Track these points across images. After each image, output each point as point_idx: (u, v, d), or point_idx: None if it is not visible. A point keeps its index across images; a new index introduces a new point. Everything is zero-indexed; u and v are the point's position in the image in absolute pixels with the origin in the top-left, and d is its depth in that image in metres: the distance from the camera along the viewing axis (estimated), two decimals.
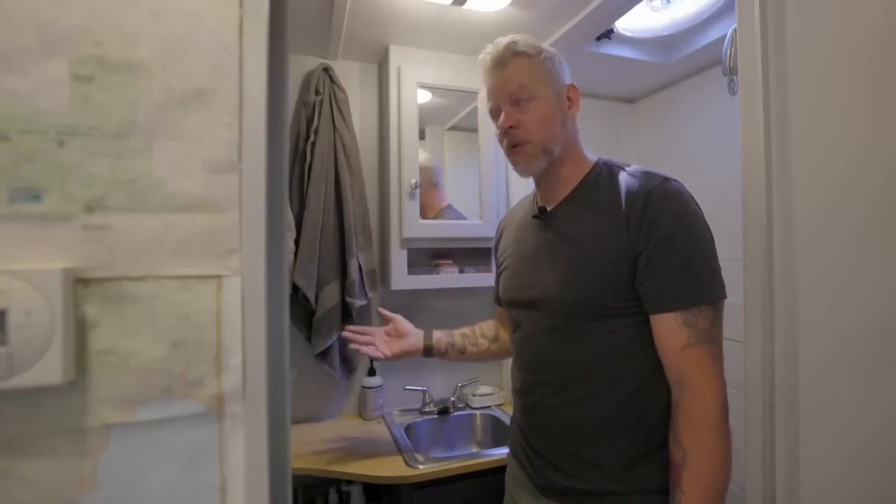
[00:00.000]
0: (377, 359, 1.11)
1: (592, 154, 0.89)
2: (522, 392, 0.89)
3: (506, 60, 0.84)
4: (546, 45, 0.89)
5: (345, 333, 1.14)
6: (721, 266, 0.74)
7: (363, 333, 1.13)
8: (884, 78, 0.51)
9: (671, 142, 1.75)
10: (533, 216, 0.91)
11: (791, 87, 0.58)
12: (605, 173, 0.84)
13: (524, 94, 0.83)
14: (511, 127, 0.84)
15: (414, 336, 1.13)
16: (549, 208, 0.88)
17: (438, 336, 1.13)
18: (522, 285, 0.89)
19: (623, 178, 0.81)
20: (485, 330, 1.16)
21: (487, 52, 0.87)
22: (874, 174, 0.52)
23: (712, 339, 0.72)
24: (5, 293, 0.31)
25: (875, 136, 0.52)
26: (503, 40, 0.86)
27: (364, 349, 1.10)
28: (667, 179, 0.78)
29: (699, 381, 0.71)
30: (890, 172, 0.50)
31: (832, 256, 0.56)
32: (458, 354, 1.14)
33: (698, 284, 0.72)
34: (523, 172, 0.88)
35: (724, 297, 0.73)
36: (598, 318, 0.78)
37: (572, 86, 0.88)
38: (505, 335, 1.11)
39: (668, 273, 0.73)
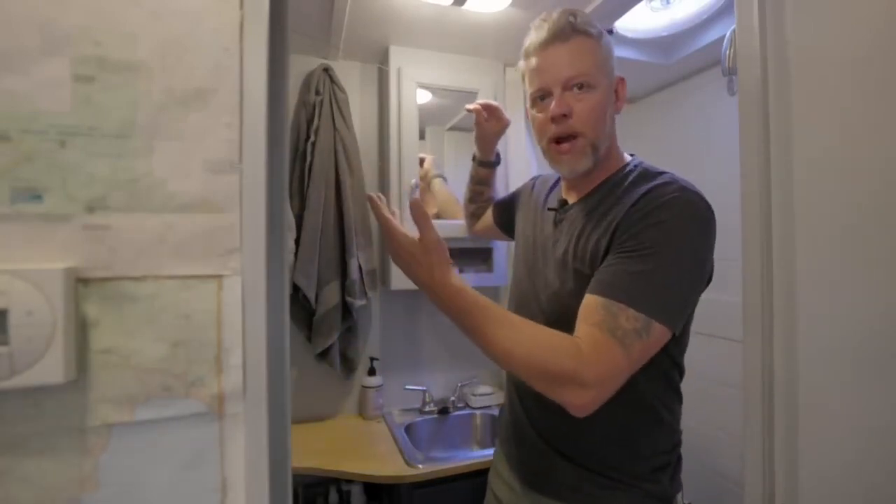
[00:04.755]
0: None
1: (628, 154, 0.83)
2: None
3: (567, 36, 0.73)
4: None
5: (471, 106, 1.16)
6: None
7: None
8: (883, 78, 0.51)
9: (671, 142, 1.75)
10: (549, 208, 0.87)
11: (790, 87, 0.58)
12: (632, 176, 0.76)
13: (584, 81, 0.73)
14: (564, 115, 0.74)
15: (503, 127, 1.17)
16: (569, 202, 0.83)
17: (494, 173, 1.25)
18: (526, 275, 0.88)
19: (650, 185, 0.71)
20: (486, 213, 1.26)
21: (543, 21, 0.76)
22: (873, 174, 0.52)
23: (625, 342, 0.60)
24: (6, 293, 0.31)
25: (874, 135, 0.52)
26: (561, 11, 0.75)
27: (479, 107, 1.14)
28: (690, 192, 0.68)
29: (588, 347, 0.60)
30: (889, 172, 0.51)
31: (830, 256, 0.56)
32: (478, 187, 1.26)
33: (647, 294, 0.62)
34: (568, 172, 0.78)
35: (669, 327, 0.63)
36: None
37: (622, 79, 0.79)
38: (482, 224, 1.28)
39: (622, 271, 0.64)
